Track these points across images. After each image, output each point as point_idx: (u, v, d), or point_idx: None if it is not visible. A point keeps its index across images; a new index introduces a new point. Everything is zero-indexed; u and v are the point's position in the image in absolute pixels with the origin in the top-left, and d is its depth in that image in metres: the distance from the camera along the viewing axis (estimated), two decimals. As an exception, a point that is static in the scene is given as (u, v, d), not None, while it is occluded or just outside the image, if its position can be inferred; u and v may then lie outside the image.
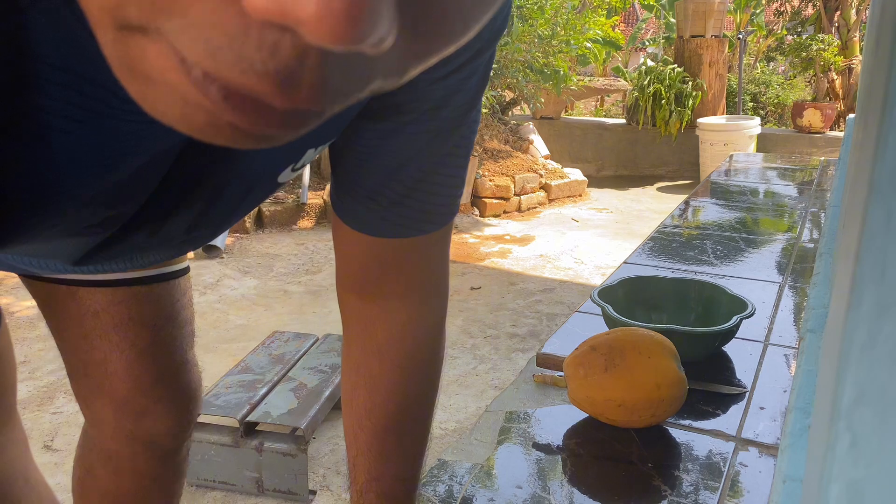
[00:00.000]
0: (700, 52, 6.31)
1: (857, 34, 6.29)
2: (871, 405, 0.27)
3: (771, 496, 0.65)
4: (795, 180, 2.16)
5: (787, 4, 7.17)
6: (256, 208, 4.71)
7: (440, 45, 0.25)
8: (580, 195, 5.48)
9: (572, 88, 5.84)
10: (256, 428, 1.98)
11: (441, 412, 2.42)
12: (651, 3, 8.31)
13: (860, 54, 6.16)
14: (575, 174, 5.56)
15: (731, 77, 6.91)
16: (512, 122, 5.72)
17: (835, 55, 6.09)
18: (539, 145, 5.70)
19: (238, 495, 1.97)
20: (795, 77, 7.29)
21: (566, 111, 7.17)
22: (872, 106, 0.29)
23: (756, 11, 7.96)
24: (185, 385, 0.92)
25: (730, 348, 1.00)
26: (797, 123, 6.12)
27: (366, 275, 0.62)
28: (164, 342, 0.88)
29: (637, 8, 9.70)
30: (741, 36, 6.80)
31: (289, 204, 4.57)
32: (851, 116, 1.88)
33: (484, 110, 5.00)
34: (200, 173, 0.48)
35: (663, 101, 6.14)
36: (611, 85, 6.98)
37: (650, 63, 6.79)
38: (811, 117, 6.00)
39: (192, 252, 3.98)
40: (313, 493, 1.98)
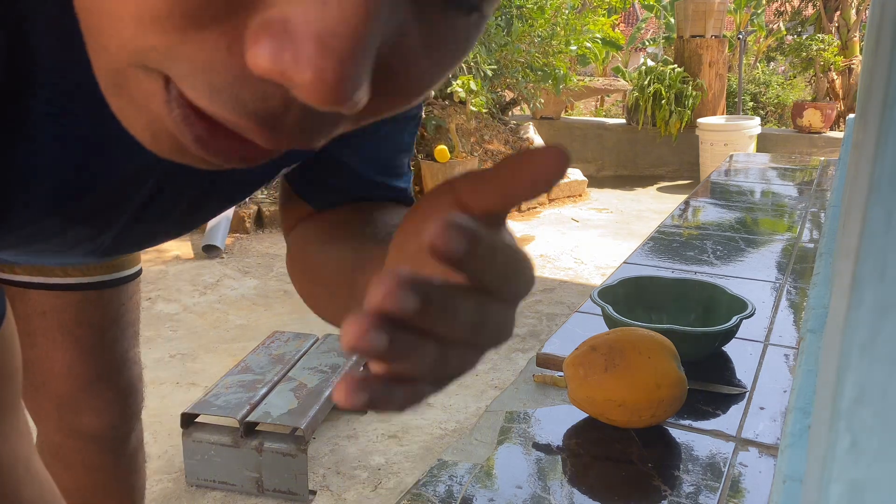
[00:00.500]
0: (700, 52, 6.31)
1: (857, 34, 6.29)
2: (872, 405, 0.27)
3: (771, 496, 0.65)
4: (795, 180, 2.16)
5: (787, 4, 7.17)
6: (256, 208, 4.70)
7: (398, 106, 0.30)
8: (580, 195, 5.48)
9: (572, 88, 5.84)
10: (256, 428, 1.98)
11: (441, 412, 2.42)
12: (651, 3, 8.31)
13: (860, 54, 6.16)
14: (575, 174, 5.56)
15: (731, 77, 6.91)
16: (512, 123, 5.71)
17: (835, 55, 6.09)
18: (539, 146, 5.69)
19: (238, 495, 1.97)
20: (795, 77, 7.29)
21: (566, 111, 7.17)
22: (872, 106, 0.29)
23: (757, 12, 7.96)
24: (126, 381, 0.96)
25: (730, 348, 1.00)
26: (797, 123, 6.12)
27: None
28: (108, 342, 0.92)
29: (637, 8, 9.70)
30: (741, 36, 6.80)
31: (289, 204, 4.57)
32: (851, 116, 1.88)
33: (484, 111, 5.00)
34: (179, 193, 0.49)
35: (663, 102, 6.14)
36: (611, 85, 6.98)
37: (650, 63, 6.79)
38: (811, 117, 6.00)
39: (193, 252, 3.99)
40: (313, 494, 1.98)
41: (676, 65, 6.36)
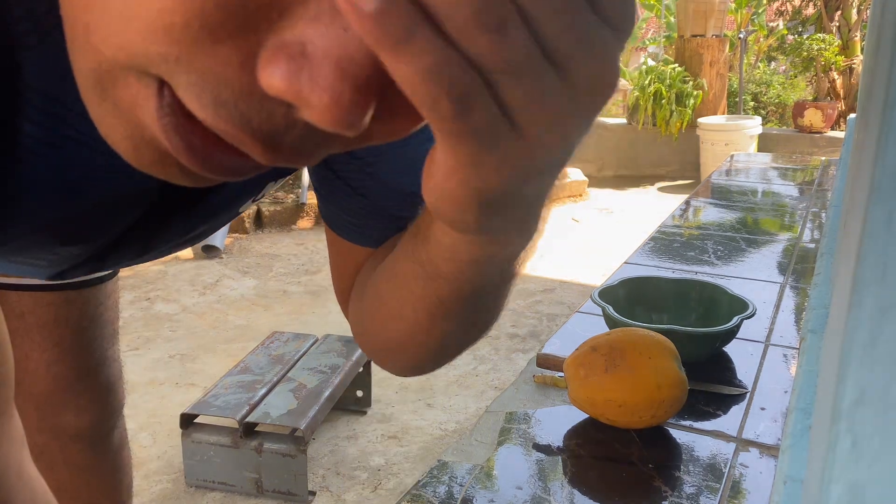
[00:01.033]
0: (701, 52, 6.31)
1: (858, 34, 6.28)
2: (873, 406, 0.27)
3: (772, 497, 0.65)
4: (796, 180, 2.16)
5: (788, 4, 7.17)
6: (256, 208, 4.70)
7: (389, 134, 0.29)
8: (580, 195, 5.48)
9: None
10: (256, 428, 1.98)
11: (441, 413, 2.42)
12: (651, 3, 8.31)
13: (861, 54, 6.16)
14: (575, 174, 5.56)
15: (732, 77, 6.91)
16: (512, 122, 5.71)
17: (836, 55, 6.09)
18: (539, 145, 5.70)
19: (237, 496, 1.97)
20: (796, 77, 7.28)
21: (566, 111, 7.15)
22: (873, 106, 0.29)
23: (758, 12, 7.96)
24: (105, 379, 0.97)
25: (730, 349, 0.99)
26: (798, 123, 6.11)
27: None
28: (86, 342, 0.93)
29: (637, 7, 9.70)
30: (742, 35, 6.80)
31: (288, 204, 4.57)
32: (852, 116, 1.88)
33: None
34: (166, 210, 0.49)
35: (664, 101, 6.14)
36: (611, 85, 6.97)
37: (651, 62, 6.79)
38: (812, 117, 6.00)
39: (192, 252, 3.99)
40: (313, 494, 1.98)
41: (677, 64, 6.36)
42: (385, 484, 2.05)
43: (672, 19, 7.62)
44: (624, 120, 6.69)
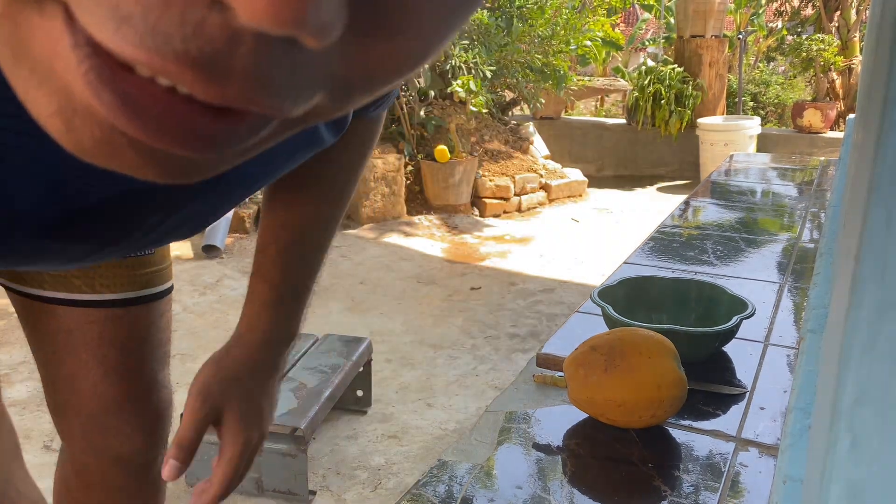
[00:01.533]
0: (700, 52, 6.31)
1: (857, 34, 6.28)
2: (872, 405, 0.27)
3: (771, 496, 0.65)
4: (795, 180, 2.16)
5: (787, 4, 7.17)
6: (256, 208, 4.68)
7: (394, 66, 0.22)
8: (580, 195, 5.48)
9: (572, 88, 5.84)
10: (256, 428, 1.97)
11: (441, 412, 2.42)
12: (651, 3, 8.31)
13: (860, 54, 6.16)
14: (575, 174, 5.56)
15: (732, 77, 6.91)
16: (512, 123, 5.72)
17: (835, 55, 6.09)
18: (539, 145, 5.70)
19: (238, 495, 1.97)
20: (795, 77, 7.28)
21: (566, 111, 7.16)
22: (872, 106, 0.29)
23: (759, 12, 7.96)
24: (154, 406, 0.93)
25: (730, 348, 0.99)
26: (797, 123, 6.12)
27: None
28: (134, 363, 0.89)
29: (637, 8, 9.70)
30: (741, 36, 6.80)
31: (289, 204, 4.57)
32: (851, 116, 1.88)
33: (484, 111, 5.00)
34: (162, 209, 0.48)
35: (663, 101, 6.14)
36: (611, 85, 6.98)
37: (650, 63, 6.79)
38: (811, 117, 6.00)
39: (192, 252, 3.98)
40: (313, 494, 1.98)
41: (676, 65, 6.36)
42: (385, 483, 2.05)
43: (671, 20, 7.62)
44: (623, 120, 6.69)
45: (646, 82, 6.26)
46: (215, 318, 3.20)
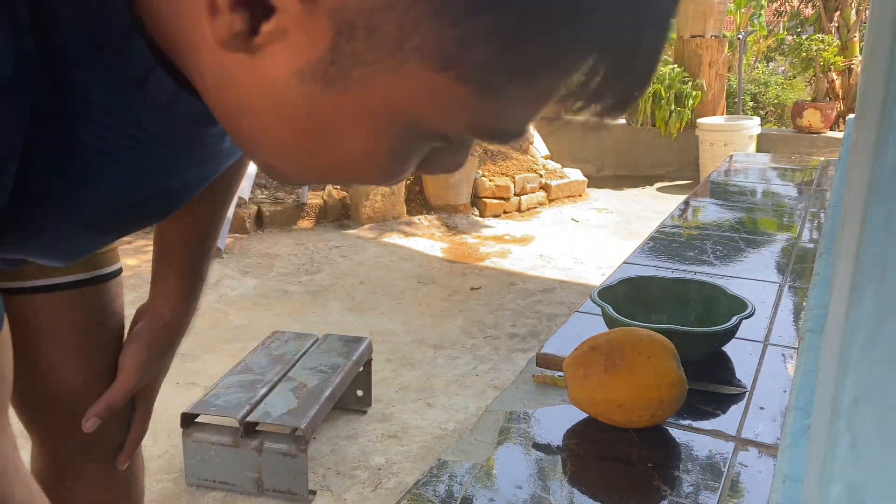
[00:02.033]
0: (700, 52, 6.31)
1: (857, 34, 6.28)
2: (871, 405, 0.27)
3: (771, 496, 0.65)
4: (795, 180, 2.16)
5: (787, 4, 7.17)
6: (256, 208, 4.69)
7: None
8: (580, 195, 5.48)
9: (572, 88, 5.83)
10: (256, 428, 1.98)
11: (441, 412, 2.42)
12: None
13: (860, 54, 6.16)
14: (575, 174, 5.56)
15: (731, 77, 6.91)
16: (512, 122, 5.71)
17: (834, 55, 6.09)
18: (539, 145, 5.70)
19: (238, 495, 1.97)
20: (795, 77, 7.28)
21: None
22: (872, 106, 0.29)
23: (760, 13, 7.96)
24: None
25: (730, 348, 1.00)
26: (797, 124, 6.12)
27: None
28: (93, 347, 0.89)
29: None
30: (741, 36, 6.80)
31: (288, 204, 4.57)
32: (851, 117, 1.88)
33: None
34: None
35: (663, 101, 6.14)
36: (611, 85, 6.97)
37: (650, 63, 6.78)
38: (811, 117, 6.00)
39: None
40: (313, 494, 1.98)
41: (676, 65, 6.36)
42: (385, 483, 2.05)
43: (671, 19, 7.61)
44: (623, 120, 6.68)
45: (646, 82, 6.25)
46: (215, 318, 3.20)
